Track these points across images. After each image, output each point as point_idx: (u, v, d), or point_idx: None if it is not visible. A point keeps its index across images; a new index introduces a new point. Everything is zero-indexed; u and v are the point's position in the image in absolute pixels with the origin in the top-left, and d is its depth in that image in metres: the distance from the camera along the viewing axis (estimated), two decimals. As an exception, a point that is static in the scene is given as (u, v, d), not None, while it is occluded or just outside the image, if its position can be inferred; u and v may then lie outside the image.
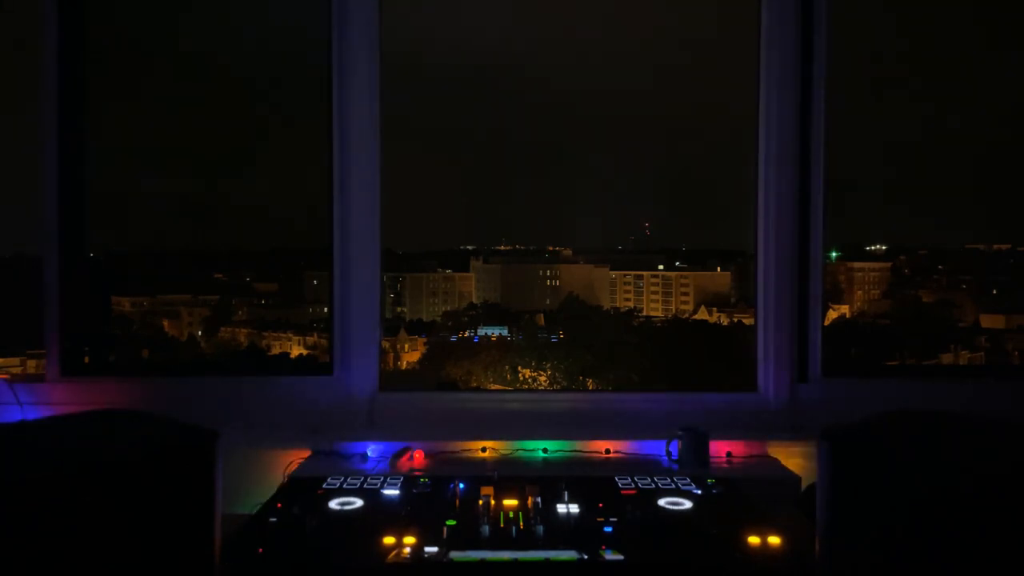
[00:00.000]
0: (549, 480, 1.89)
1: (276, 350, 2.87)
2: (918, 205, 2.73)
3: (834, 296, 2.82)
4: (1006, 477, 1.22)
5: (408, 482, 1.92)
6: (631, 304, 3.07)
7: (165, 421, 1.50)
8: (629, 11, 2.72)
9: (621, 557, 1.48)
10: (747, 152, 2.53)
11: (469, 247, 3.17)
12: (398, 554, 1.49)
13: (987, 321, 2.86)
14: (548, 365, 2.92)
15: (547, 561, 1.47)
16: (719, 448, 2.30)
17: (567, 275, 3.10)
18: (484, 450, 2.32)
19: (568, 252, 3.14)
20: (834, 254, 2.75)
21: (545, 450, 2.32)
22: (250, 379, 2.53)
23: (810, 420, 2.43)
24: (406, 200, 2.65)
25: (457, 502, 1.77)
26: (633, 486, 1.90)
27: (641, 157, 2.78)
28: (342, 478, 1.95)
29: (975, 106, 2.67)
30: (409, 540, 1.53)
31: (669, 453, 2.27)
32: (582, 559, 1.47)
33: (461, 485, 1.84)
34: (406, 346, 2.97)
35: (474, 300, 3.12)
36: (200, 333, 2.90)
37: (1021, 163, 2.66)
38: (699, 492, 1.87)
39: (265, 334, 2.89)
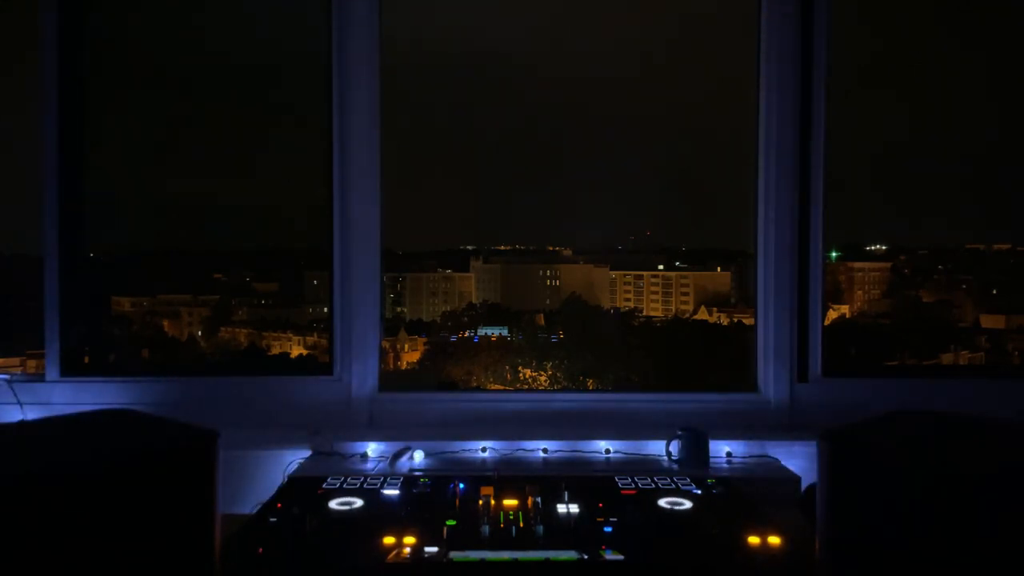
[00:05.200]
0: (549, 480, 1.90)
1: (276, 350, 2.86)
2: (918, 205, 2.73)
3: (834, 296, 2.82)
4: (1006, 477, 1.22)
5: (408, 482, 1.92)
6: (631, 304, 3.07)
7: (165, 421, 1.50)
8: (630, 11, 2.72)
9: (621, 557, 1.48)
10: (747, 152, 2.53)
11: (469, 247, 3.17)
12: (398, 554, 1.49)
13: (987, 321, 2.86)
14: (548, 365, 2.91)
15: (547, 561, 1.46)
16: (719, 448, 2.30)
17: (567, 275, 3.10)
18: (484, 450, 2.32)
19: (568, 252, 3.14)
20: (834, 254, 2.74)
21: (545, 450, 2.32)
22: (250, 379, 2.53)
23: (810, 420, 2.43)
24: (406, 200, 2.64)
25: (457, 502, 1.77)
26: (633, 486, 1.90)
27: (641, 156, 2.78)
28: (342, 478, 1.94)
29: (976, 105, 2.67)
30: (409, 540, 1.53)
31: (669, 453, 2.27)
32: (582, 559, 1.47)
33: (461, 485, 1.84)
34: (406, 346, 2.97)
35: (474, 300, 3.12)
36: (200, 333, 2.90)
37: (1021, 163, 2.66)
38: (699, 492, 1.87)
39: (265, 334, 2.89)
